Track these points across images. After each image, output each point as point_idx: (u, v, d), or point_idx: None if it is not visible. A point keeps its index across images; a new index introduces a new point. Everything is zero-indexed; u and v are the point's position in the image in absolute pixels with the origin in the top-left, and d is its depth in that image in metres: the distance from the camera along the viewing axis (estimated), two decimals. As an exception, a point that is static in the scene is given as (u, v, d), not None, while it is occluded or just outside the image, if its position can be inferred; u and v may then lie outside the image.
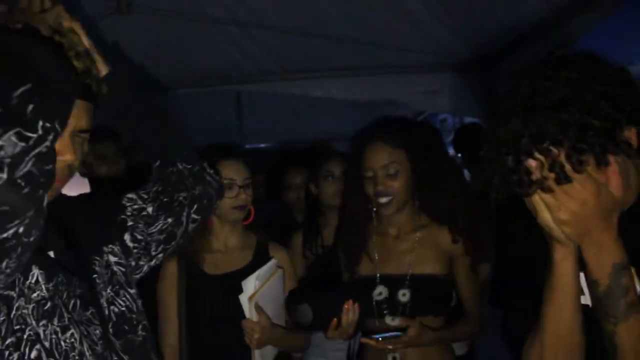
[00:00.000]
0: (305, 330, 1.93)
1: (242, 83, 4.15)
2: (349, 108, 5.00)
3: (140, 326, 1.32)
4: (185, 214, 1.47)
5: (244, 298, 1.92)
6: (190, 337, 2.08)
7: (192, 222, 1.50)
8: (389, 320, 2.09)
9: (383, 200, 2.08)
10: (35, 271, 1.13)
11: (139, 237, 1.42)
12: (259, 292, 1.92)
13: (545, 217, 1.13)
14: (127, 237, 1.40)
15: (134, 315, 1.30)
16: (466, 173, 4.45)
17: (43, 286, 1.14)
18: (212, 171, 1.57)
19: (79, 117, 1.19)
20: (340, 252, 2.28)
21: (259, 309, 1.93)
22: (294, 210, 3.27)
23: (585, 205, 1.09)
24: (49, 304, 1.14)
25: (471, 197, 2.16)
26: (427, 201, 2.14)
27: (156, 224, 1.44)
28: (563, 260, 1.19)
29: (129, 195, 1.46)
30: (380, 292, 2.12)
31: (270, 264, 2.03)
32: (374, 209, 2.18)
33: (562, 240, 1.16)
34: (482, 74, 3.87)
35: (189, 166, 1.48)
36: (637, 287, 1.14)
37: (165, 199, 1.45)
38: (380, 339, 1.96)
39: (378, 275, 2.14)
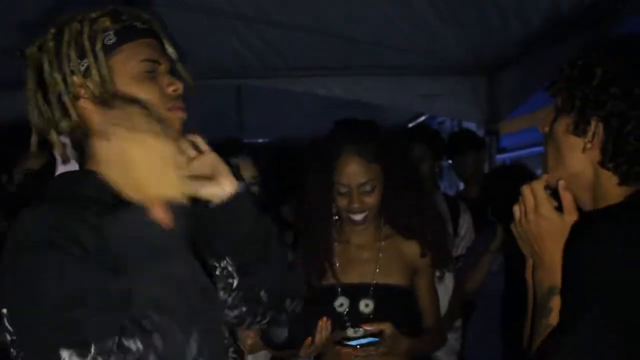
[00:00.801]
0: (276, 349, 1.86)
1: (243, 77, 4.12)
2: (350, 107, 5.00)
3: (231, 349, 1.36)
4: (258, 317, 1.39)
5: None
6: None
7: (262, 322, 1.42)
8: (351, 332, 1.98)
9: (358, 217, 2.03)
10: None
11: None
12: None
13: (512, 227, 1.23)
14: None
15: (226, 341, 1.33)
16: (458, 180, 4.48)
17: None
18: (290, 303, 1.41)
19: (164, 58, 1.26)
20: (299, 261, 2.17)
21: None
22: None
23: (537, 225, 1.16)
24: None
25: (435, 209, 2.16)
26: (396, 214, 2.09)
27: (234, 311, 1.35)
28: (530, 279, 1.24)
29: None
30: (341, 303, 2.06)
31: None
32: (336, 217, 2.12)
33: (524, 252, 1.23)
34: (486, 80, 3.87)
35: (269, 296, 1.36)
36: None
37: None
38: (358, 346, 1.88)
39: (339, 287, 2.08)
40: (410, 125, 5.63)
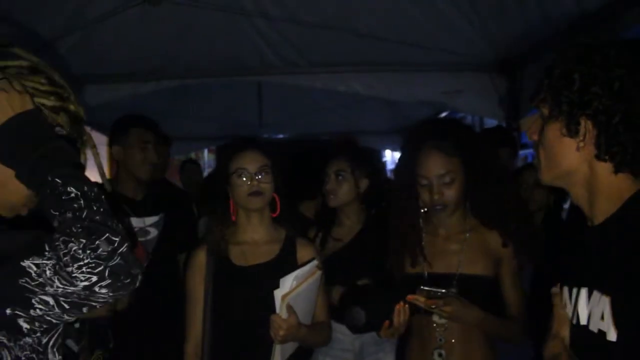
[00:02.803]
0: (357, 332, 1.96)
1: (263, 74, 4.15)
2: (370, 104, 5.01)
3: None
4: None
5: (278, 295, 1.92)
6: (214, 324, 2.13)
7: None
8: (436, 318, 2.07)
9: (438, 207, 2.11)
10: None
11: None
12: (294, 291, 1.93)
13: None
14: None
15: None
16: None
17: None
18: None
19: None
20: (391, 250, 2.24)
21: (290, 308, 1.94)
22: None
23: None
24: None
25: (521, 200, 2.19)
26: (479, 205, 2.15)
27: None
28: None
29: None
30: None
31: (311, 265, 2.02)
32: (425, 209, 2.18)
33: None
34: (507, 76, 3.86)
35: None
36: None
37: None
38: (425, 288, 1.96)
39: (426, 274, 2.14)
40: (431, 121, 5.64)
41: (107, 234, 1.08)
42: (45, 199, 1.13)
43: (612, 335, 1.14)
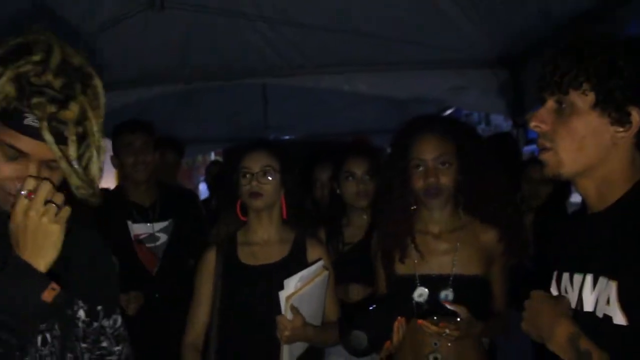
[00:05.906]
0: (358, 355, 1.90)
1: (268, 76, 4.17)
2: (375, 103, 5.01)
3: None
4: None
5: (282, 295, 1.93)
6: (221, 323, 2.15)
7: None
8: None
9: (433, 191, 2.03)
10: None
11: None
12: (298, 292, 1.93)
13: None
14: None
15: None
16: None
17: None
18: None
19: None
20: (378, 251, 2.19)
21: (294, 309, 1.95)
22: (321, 206, 3.27)
23: (533, 318, 1.28)
24: None
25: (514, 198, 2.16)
26: (473, 199, 2.09)
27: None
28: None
29: None
30: (420, 293, 2.05)
31: (317, 265, 2.03)
32: (414, 207, 2.12)
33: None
34: (511, 71, 3.85)
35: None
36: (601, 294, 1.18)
37: None
38: (435, 318, 1.89)
39: (417, 275, 2.08)
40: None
41: None
42: None
43: (619, 319, 1.12)
